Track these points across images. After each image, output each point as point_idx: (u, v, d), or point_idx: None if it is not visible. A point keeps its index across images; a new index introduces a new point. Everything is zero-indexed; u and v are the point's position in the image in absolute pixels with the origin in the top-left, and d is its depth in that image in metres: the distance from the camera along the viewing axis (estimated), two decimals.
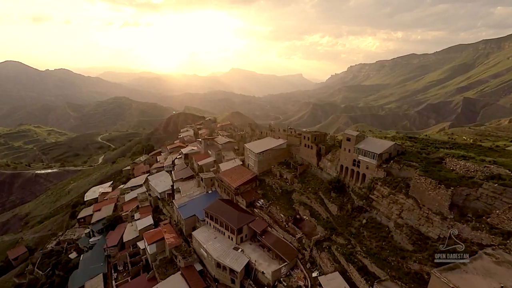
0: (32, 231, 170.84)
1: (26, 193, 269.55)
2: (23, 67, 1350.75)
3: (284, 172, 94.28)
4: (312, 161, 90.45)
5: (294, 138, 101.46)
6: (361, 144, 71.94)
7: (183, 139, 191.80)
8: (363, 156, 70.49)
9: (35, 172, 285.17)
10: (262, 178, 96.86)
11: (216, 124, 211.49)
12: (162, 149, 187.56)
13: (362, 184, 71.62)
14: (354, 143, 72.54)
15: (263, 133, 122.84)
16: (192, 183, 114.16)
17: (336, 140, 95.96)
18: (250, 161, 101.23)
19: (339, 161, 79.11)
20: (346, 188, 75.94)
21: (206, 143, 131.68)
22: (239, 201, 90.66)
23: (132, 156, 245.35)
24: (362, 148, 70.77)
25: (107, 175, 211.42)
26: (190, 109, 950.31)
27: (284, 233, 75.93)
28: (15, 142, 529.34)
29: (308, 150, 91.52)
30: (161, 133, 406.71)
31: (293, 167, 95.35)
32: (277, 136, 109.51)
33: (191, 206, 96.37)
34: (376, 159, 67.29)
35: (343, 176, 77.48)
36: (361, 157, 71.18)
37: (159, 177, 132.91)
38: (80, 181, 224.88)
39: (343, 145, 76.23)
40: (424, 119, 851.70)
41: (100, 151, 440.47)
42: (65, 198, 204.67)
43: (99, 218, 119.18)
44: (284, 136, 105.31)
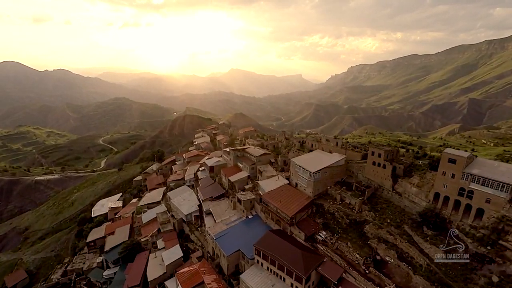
0: (32, 250, 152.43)
1: (25, 201, 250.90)
2: (21, 67, 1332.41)
3: (347, 195, 76.71)
4: (385, 183, 73.05)
5: (354, 153, 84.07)
6: (474, 169, 54.53)
7: (200, 146, 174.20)
8: (481, 185, 53.08)
9: (35, 178, 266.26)
10: (318, 202, 79.28)
11: (234, 129, 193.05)
12: (177, 157, 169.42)
13: (478, 223, 54.16)
14: (463, 167, 55.14)
15: (306, 144, 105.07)
16: (225, 204, 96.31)
17: (418, 156, 78.15)
18: (300, 180, 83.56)
19: (432, 187, 61.70)
20: (447, 224, 58.52)
21: (235, 154, 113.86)
22: (294, 233, 73.11)
23: (140, 162, 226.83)
24: (478, 175, 53.35)
25: (114, 185, 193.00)
26: (191, 110, 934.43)
27: (365, 282, 58.34)
28: (14, 144, 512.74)
29: (379, 169, 74.12)
30: (166, 136, 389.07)
31: (356, 189, 77.85)
32: (327, 148, 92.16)
33: (231, 236, 78.67)
34: (507, 192, 49.83)
35: (440, 207, 60.09)
36: (475, 186, 53.85)
37: (181, 193, 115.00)
38: (84, 191, 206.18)
39: (443, 168, 58.87)
40: (429, 121, 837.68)
41: (101, 154, 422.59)
42: (69, 210, 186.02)
43: (113, 245, 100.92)
44: (339, 150, 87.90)
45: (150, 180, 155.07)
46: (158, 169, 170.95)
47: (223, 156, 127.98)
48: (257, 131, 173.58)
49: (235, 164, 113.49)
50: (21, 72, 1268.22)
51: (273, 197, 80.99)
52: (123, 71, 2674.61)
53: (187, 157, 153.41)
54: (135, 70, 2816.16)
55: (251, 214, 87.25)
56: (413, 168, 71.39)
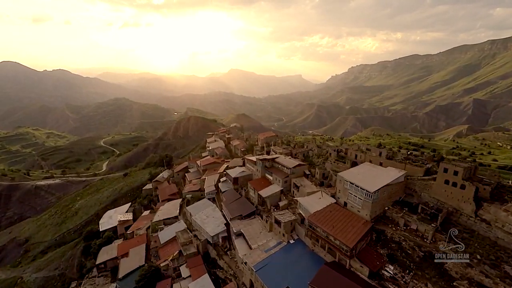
0: (34, 266, 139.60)
1: (25, 207, 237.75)
2: (20, 67, 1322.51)
3: (412, 220, 64.06)
4: (463, 208, 60.57)
5: (414, 168, 71.65)
6: None
7: (214, 152, 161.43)
8: None
9: (35, 183, 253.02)
10: (378, 227, 66.69)
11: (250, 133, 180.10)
12: (189, 164, 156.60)
13: None
14: None
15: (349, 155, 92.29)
16: (258, 225, 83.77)
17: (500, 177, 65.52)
18: (352, 200, 71.00)
19: None
20: None
21: (264, 165, 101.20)
22: (354, 267, 60.61)
23: (147, 167, 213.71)
24: None
25: (121, 193, 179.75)
26: (193, 110, 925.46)
27: None
28: (13, 146, 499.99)
29: (454, 190, 61.65)
30: (170, 138, 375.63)
31: (422, 212, 65.33)
32: (376, 160, 79.71)
33: (274, 268, 66.13)
34: None
35: None
36: None
37: (203, 208, 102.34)
38: (88, 198, 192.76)
39: None
40: (433, 121, 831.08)
41: (103, 156, 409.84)
42: (72, 220, 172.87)
43: (129, 270, 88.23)
44: (394, 163, 75.43)
45: (162, 190, 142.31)
46: (169, 177, 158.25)
47: (246, 165, 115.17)
48: (278, 136, 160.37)
49: (263, 176, 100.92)
50: (21, 72, 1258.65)
51: (321, 220, 68.38)
52: (123, 71, 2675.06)
53: (202, 165, 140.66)
54: (135, 70, 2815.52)
55: (292, 239, 74.70)
56: (501, 189, 58.99)
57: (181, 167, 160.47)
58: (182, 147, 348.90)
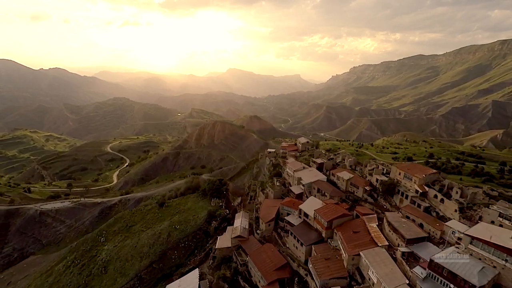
0: None
1: (28, 240, 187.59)
2: (15, 65, 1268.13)
3: None
4: None
5: None
6: None
7: (315, 187, 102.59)
8: None
9: (40, 208, 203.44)
10: None
11: (348, 156, 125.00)
12: (283, 207, 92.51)
13: None
14: None
15: None
16: None
17: None
18: None
19: None
20: None
21: None
22: None
23: (187, 193, 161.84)
24: None
25: (170, 241, 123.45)
26: (197, 111, 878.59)
27: None
28: (9, 151, 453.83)
29: None
30: (192, 146, 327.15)
31: None
32: None
33: None
34: None
35: None
36: None
37: None
38: (120, 245, 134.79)
39: None
40: (451, 124, 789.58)
41: (111, 165, 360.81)
42: (102, 282, 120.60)
43: None
44: None
45: (258, 259, 79.84)
46: (251, 224, 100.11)
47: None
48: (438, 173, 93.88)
49: None
50: (15, 70, 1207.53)
51: None
52: (120, 70, 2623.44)
53: (327, 220, 77.88)
54: (132, 69, 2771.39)
55: None
56: None
57: (270, 218, 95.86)
58: (207, 157, 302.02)
